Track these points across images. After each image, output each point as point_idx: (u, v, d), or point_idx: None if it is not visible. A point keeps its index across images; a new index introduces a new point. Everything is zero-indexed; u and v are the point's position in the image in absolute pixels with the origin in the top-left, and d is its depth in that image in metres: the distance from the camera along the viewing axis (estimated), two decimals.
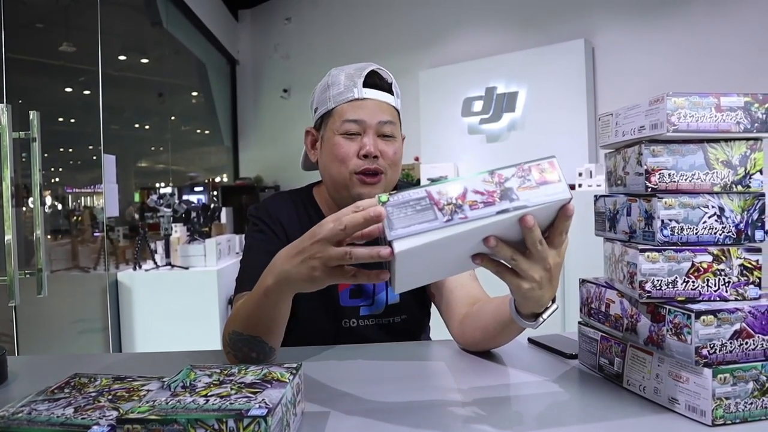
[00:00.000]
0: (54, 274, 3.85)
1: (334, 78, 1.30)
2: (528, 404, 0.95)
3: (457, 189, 0.74)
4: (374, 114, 1.26)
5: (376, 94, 1.27)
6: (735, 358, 0.82)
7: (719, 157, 0.89)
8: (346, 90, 1.27)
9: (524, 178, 0.76)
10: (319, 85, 1.35)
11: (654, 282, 0.88)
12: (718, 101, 0.87)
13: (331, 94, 1.29)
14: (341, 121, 1.26)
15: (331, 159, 1.28)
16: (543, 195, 0.75)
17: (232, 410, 0.68)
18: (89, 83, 4.72)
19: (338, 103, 1.27)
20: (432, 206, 0.73)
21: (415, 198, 0.73)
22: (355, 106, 1.26)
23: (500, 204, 0.74)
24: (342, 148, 1.25)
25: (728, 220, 0.89)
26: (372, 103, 1.26)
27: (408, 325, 1.42)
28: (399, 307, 1.40)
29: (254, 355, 1.09)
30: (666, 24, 4.98)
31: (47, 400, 0.78)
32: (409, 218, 0.72)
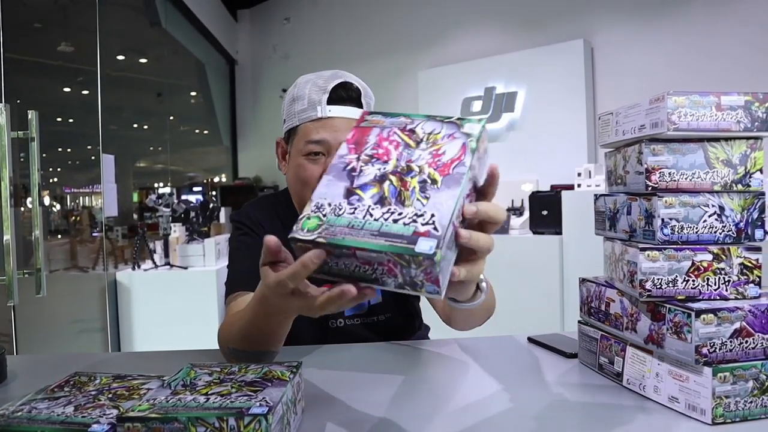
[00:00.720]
0: (53, 274, 3.85)
1: (300, 91, 1.25)
2: (527, 404, 0.95)
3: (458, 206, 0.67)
4: (339, 134, 1.19)
5: (341, 110, 1.21)
6: (735, 357, 0.82)
7: (719, 156, 0.89)
8: (309, 107, 1.21)
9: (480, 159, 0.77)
10: (288, 93, 1.30)
11: (654, 281, 0.88)
12: (718, 100, 0.87)
13: (296, 110, 1.24)
14: (304, 142, 1.21)
15: (294, 180, 1.26)
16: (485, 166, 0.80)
17: (233, 408, 0.68)
18: (88, 83, 4.72)
19: (302, 121, 1.23)
20: (453, 236, 0.68)
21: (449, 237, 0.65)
22: (318, 126, 1.20)
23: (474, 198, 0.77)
24: (306, 171, 1.21)
25: (728, 219, 0.89)
26: (337, 121, 1.20)
27: (393, 323, 1.43)
28: (382, 306, 1.40)
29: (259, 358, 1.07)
30: (665, 24, 4.98)
31: (47, 399, 0.78)
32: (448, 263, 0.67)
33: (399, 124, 0.78)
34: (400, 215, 0.66)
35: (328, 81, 1.23)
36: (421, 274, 0.63)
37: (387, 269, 0.65)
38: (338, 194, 0.70)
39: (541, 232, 4.41)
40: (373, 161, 0.73)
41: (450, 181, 0.69)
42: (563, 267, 4.22)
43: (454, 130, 0.75)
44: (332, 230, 0.66)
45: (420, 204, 0.66)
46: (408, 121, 0.78)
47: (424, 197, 0.67)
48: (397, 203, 0.67)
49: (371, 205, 0.67)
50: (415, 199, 0.67)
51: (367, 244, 0.63)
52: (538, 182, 5.34)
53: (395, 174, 0.71)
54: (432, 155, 0.72)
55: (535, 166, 5.44)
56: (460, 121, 0.77)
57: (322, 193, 0.71)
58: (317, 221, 0.67)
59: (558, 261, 4.23)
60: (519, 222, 4.77)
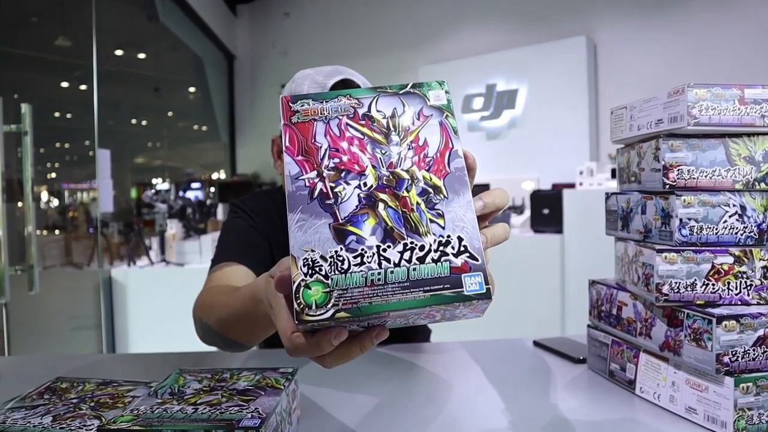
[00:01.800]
0: (47, 271, 3.80)
1: (298, 87, 1.20)
2: (534, 411, 0.90)
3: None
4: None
5: None
6: (758, 366, 0.77)
7: (741, 152, 0.84)
8: None
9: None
10: (285, 90, 1.26)
11: (671, 284, 0.83)
12: (741, 93, 0.82)
13: None
14: None
15: None
16: None
17: (223, 421, 0.63)
18: (85, 78, 4.67)
19: None
20: None
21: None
22: None
23: None
24: None
25: (750, 219, 0.84)
26: None
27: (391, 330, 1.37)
28: None
29: (226, 347, 1.01)
30: (668, 22, 4.94)
31: (24, 408, 0.73)
32: None
33: (344, 110, 0.59)
34: (423, 250, 0.52)
35: (328, 77, 1.18)
36: (467, 311, 0.54)
37: (426, 315, 0.54)
38: (326, 239, 0.53)
39: (542, 231, 4.36)
40: (344, 175, 0.56)
41: (454, 183, 0.56)
42: (564, 266, 4.17)
43: (420, 106, 0.60)
44: (348, 296, 0.50)
45: (438, 227, 0.53)
46: (353, 102, 0.60)
47: (437, 215, 0.54)
48: (409, 233, 0.53)
49: (379, 245, 0.53)
50: (427, 221, 0.54)
51: (406, 303, 0.50)
52: (539, 180, 5.30)
53: (383, 190, 0.55)
54: (413, 150, 0.57)
55: (536, 164, 5.40)
56: (420, 90, 0.61)
57: (302, 242, 0.53)
58: (322, 288, 0.51)
59: (559, 260, 4.18)
60: (520, 221, 4.72)
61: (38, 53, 4.59)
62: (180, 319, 4.01)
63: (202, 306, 1.05)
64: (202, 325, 1.02)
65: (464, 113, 5.92)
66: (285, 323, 0.55)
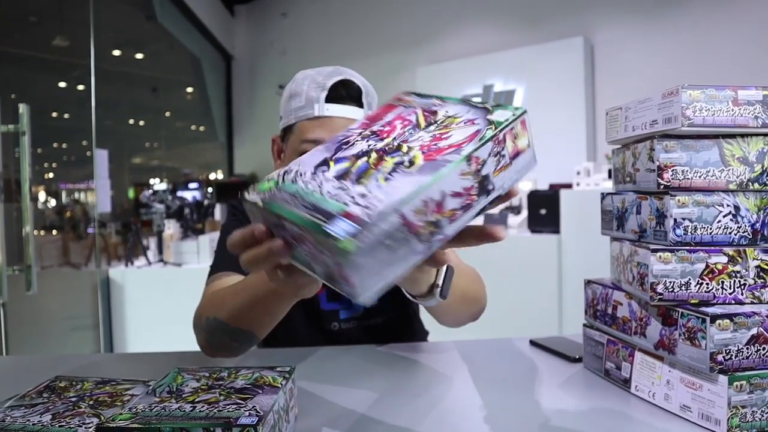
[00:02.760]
0: (44, 271, 3.80)
1: (298, 87, 1.19)
2: (531, 410, 0.91)
3: (433, 196, 0.54)
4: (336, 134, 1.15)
5: (340, 110, 1.15)
6: (752, 365, 0.78)
7: (735, 153, 0.85)
8: (307, 105, 1.16)
9: (500, 155, 0.59)
10: (285, 90, 1.25)
11: (666, 284, 0.84)
12: (735, 95, 0.83)
13: (293, 107, 1.18)
14: (299, 141, 1.16)
15: None
16: (515, 172, 0.60)
17: (220, 418, 0.64)
18: (82, 78, 4.67)
19: (299, 119, 1.17)
20: (407, 234, 0.53)
21: (385, 231, 0.51)
22: (315, 125, 1.15)
23: (478, 202, 0.58)
24: None
25: (744, 219, 0.85)
26: (335, 121, 1.14)
27: (391, 327, 1.38)
28: (379, 308, 1.35)
29: (235, 344, 1.03)
30: (665, 22, 4.95)
31: (24, 406, 0.73)
32: (378, 265, 0.52)
33: (427, 105, 0.67)
34: (344, 191, 0.54)
35: (328, 78, 1.17)
36: (335, 266, 0.52)
37: (312, 253, 0.55)
38: (312, 163, 0.61)
39: (540, 231, 4.37)
40: (371, 137, 0.63)
41: (429, 167, 0.54)
42: (561, 266, 4.18)
43: (477, 116, 0.61)
44: (276, 195, 0.57)
45: (374, 185, 0.54)
46: (438, 102, 0.67)
47: (385, 179, 0.54)
48: (354, 181, 0.55)
49: (328, 179, 0.57)
50: (375, 179, 0.55)
51: (289, 214, 0.53)
52: (536, 181, 5.31)
53: (379, 151, 0.59)
54: (433, 138, 0.59)
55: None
56: (493, 108, 0.62)
57: (301, 159, 0.63)
58: (272, 185, 0.59)
59: (556, 260, 4.19)
60: (517, 221, 4.73)
61: (36, 53, 4.59)
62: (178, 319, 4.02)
63: (210, 306, 1.05)
64: (210, 324, 1.02)
65: None
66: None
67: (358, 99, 1.19)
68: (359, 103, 1.19)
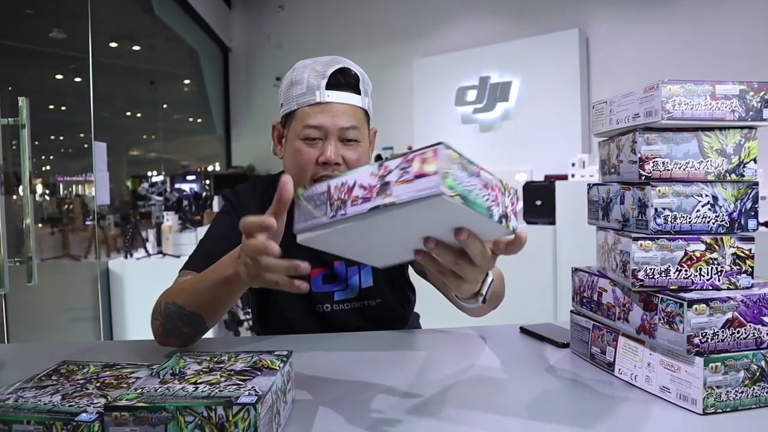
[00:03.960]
0: (44, 263, 3.83)
1: (299, 75, 1.25)
2: (519, 393, 0.95)
3: (350, 182, 0.70)
4: (337, 119, 1.21)
5: (340, 96, 1.22)
6: (727, 347, 0.82)
7: (713, 145, 0.89)
8: (308, 92, 1.22)
9: (405, 170, 0.66)
10: (286, 78, 1.30)
11: (647, 270, 0.88)
12: (713, 89, 0.86)
13: (294, 94, 1.24)
14: (302, 126, 1.22)
15: (292, 164, 1.26)
16: (413, 190, 0.65)
17: (222, 398, 0.67)
18: (80, 71, 4.68)
19: (300, 105, 1.23)
20: (326, 201, 0.72)
21: (318, 192, 0.73)
22: (316, 111, 1.21)
23: (374, 200, 0.67)
24: (302, 155, 1.23)
25: (721, 209, 0.89)
26: (335, 106, 1.22)
27: (384, 309, 1.42)
28: (373, 290, 1.39)
29: (186, 330, 1.11)
30: (660, 15, 4.97)
31: (34, 388, 0.77)
32: (308, 213, 0.74)
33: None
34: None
35: (327, 66, 1.23)
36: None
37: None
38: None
39: (535, 222, 4.41)
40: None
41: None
42: (556, 257, 4.22)
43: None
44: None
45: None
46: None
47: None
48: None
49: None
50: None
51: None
52: (532, 172, 5.34)
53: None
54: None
55: (529, 156, 5.44)
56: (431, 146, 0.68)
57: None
58: None
59: (551, 251, 4.23)
60: None
61: (33, 46, 4.60)
62: None
63: (170, 293, 1.13)
64: (167, 308, 1.10)
65: (458, 105, 5.95)
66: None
67: (356, 86, 1.26)
68: (357, 90, 1.26)
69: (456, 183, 0.65)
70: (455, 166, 0.66)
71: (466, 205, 0.66)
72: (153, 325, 1.15)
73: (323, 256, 1.26)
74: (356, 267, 1.37)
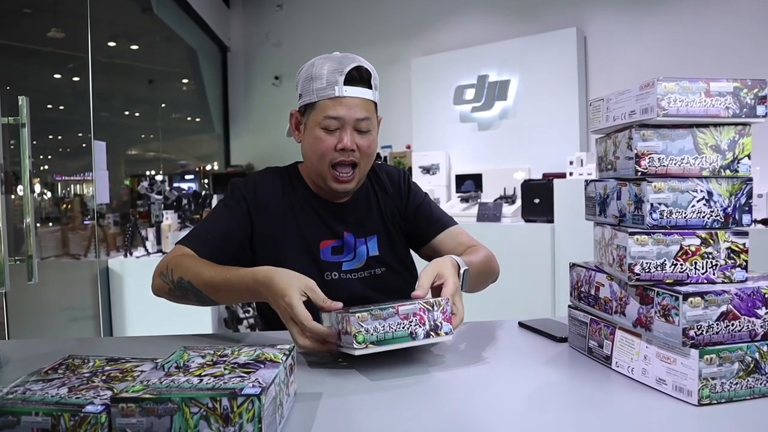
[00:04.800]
0: (44, 261, 3.84)
1: (318, 71, 1.37)
2: (518, 387, 0.96)
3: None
4: (353, 111, 1.35)
5: (356, 91, 1.35)
6: (721, 340, 0.83)
7: (708, 141, 0.90)
8: (328, 86, 1.35)
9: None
10: (304, 72, 1.41)
11: (643, 265, 0.89)
12: (707, 86, 0.88)
13: (314, 88, 1.36)
14: (323, 116, 1.35)
15: (311, 150, 1.40)
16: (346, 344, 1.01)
17: (226, 389, 0.69)
18: (79, 70, 4.68)
19: (321, 98, 1.36)
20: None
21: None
22: (335, 103, 1.34)
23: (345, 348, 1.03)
24: (323, 143, 1.36)
25: (716, 204, 0.90)
26: (352, 100, 1.35)
27: (388, 278, 1.49)
28: (379, 259, 1.48)
29: (195, 302, 1.30)
30: (658, 13, 4.99)
31: (41, 381, 0.78)
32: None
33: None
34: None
35: (344, 64, 1.36)
36: None
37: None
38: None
39: (533, 221, 4.43)
40: None
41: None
42: (555, 255, 4.24)
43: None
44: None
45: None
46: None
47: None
48: None
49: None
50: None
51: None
52: (530, 170, 5.35)
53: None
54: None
55: (527, 155, 5.44)
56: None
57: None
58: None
59: (550, 249, 4.25)
60: (511, 210, 4.78)
61: (32, 45, 4.60)
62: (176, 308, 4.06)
63: (185, 269, 1.28)
64: (182, 283, 1.27)
65: (456, 104, 5.95)
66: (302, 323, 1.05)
67: (368, 81, 1.39)
68: (369, 84, 1.39)
69: (367, 336, 0.96)
70: (366, 323, 0.97)
71: (385, 344, 0.98)
72: (155, 282, 1.34)
73: (334, 227, 1.44)
74: (363, 238, 1.47)
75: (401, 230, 1.54)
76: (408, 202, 1.54)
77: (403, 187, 1.55)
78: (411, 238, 1.55)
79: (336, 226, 1.45)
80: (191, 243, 1.36)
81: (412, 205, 1.53)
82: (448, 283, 1.13)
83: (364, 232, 1.47)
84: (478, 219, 4.76)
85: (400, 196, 1.54)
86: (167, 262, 1.32)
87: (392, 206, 1.53)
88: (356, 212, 1.48)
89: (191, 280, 1.25)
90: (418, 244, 1.55)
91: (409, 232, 1.54)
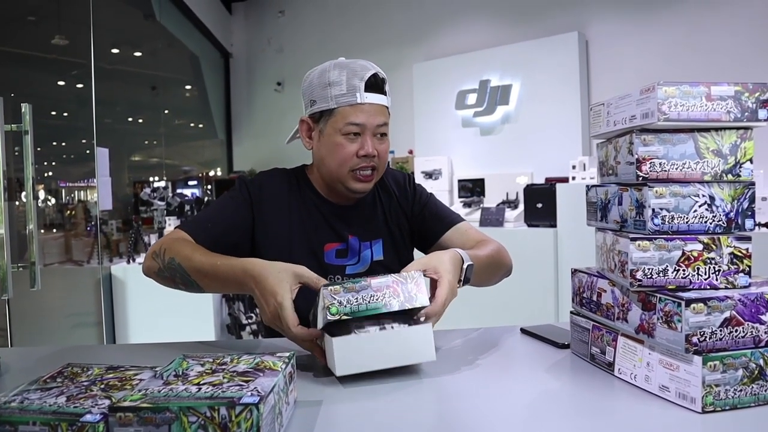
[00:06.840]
0: (47, 268, 3.84)
1: (336, 77, 1.37)
2: (520, 393, 0.96)
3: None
4: (373, 118, 1.36)
5: (375, 98, 1.37)
6: (725, 346, 0.82)
7: (710, 146, 0.89)
8: (348, 93, 1.35)
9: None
10: (317, 79, 1.40)
11: (645, 270, 0.89)
12: (708, 90, 0.87)
13: (332, 94, 1.36)
14: (344, 123, 1.36)
15: (332, 156, 1.39)
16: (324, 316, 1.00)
17: (224, 398, 0.68)
18: (82, 76, 4.69)
19: (341, 104, 1.36)
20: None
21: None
22: (357, 110, 1.35)
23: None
24: (344, 148, 1.36)
25: (718, 208, 0.89)
26: (371, 107, 1.36)
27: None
28: (383, 263, 1.48)
29: (182, 287, 1.28)
30: (659, 17, 4.98)
31: (39, 390, 0.78)
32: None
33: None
34: None
35: (362, 71, 1.37)
36: None
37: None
38: None
39: (536, 225, 4.42)
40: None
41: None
42: (558, 259, 4.23)
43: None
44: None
45: None
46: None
47: None
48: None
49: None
50: None
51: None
52: (532, 175, 5.34)
53: None
54: None
55: (529, 159, 5.44)
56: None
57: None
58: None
59: (553, 253, 4.23)
60: (514, 215, 4.77)
61: (35, 52, 4.61)
62: (178, 315, 4.07)
63: (177, 251, 1.27)
64: (172, 264, 1.26)
65: (458, 109, 5.95)
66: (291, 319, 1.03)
67: (383, 88, 1.40)
68: (384, 91, 1.40)
69: (340, 308, 0.98)
70: (339, 296, 0.99)
71: (359, 314, 0.99)
72: (146, 261, 1.33)
73: (339, 230, 1.45)
74: (368, 242, 1.47)
75: (407, 234, 1.53)
76: (414, 203, 1.54)
77: (408, 190, 1.55)
78: (419, 238, 1.55)
79: (341, 229, 1.45)
80: (190, 228, 1.36)
81: (419, 206, 1.53)
82: (443, 282, 1.11)
83: (369, 236, 1.47)
84: (480, 224, 4.75)
85: (405, 198, 1.54)
86: (162, 242, 1.33)
87: (398, 210, 1.52)
88: (362, 216, 1.48)
89: (181, 262, 1.25)
90: (427, 243, 1.54)
91: (418, 232, 1.54)
